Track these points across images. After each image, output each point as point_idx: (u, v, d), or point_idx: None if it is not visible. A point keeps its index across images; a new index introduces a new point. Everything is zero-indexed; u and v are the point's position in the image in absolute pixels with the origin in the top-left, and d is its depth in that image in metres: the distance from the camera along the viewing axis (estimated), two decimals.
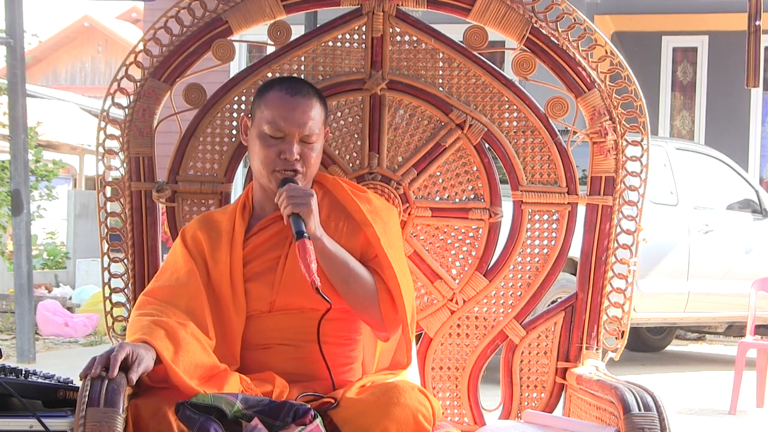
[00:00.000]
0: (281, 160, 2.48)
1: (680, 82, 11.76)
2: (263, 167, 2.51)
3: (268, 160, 2.49)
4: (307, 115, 2.50)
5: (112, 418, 2.14)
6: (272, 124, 2.49)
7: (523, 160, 2.75)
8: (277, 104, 2.50)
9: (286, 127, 2.48)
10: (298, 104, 2.50)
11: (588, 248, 2.71)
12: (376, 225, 2.50)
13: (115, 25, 29.00)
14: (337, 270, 2.45)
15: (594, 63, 2.71)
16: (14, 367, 2.36)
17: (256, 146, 2.52)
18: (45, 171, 12.25)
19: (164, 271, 2.51)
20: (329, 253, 2.44)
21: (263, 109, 2.52)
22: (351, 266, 2.46)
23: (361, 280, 2.47)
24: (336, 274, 2.45)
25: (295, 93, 2.51)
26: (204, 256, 2.49)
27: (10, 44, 7.61)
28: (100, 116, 2.73)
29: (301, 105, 2.50)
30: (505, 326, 2.75)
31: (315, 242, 2.41)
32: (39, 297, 9.83)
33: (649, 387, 2.30)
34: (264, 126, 2.50)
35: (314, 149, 2.52)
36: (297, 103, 2.50)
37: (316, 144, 2.53)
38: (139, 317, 2.37)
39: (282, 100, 2.50)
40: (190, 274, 2.45)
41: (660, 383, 7.27)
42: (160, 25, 2.67)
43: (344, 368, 2.52)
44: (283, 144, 2.49)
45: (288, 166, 2.49)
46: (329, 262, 2.44)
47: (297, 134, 2.49)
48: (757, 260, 8.38)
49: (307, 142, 2.50)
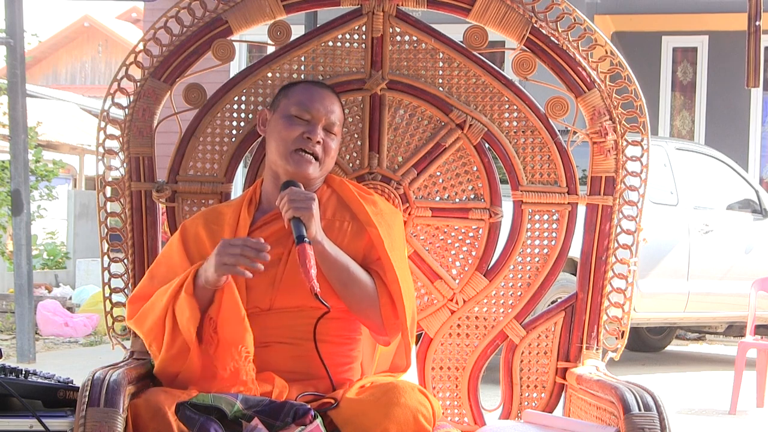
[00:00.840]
0: (304, 139, 2.52)
1: (680, 82, 11.76)
2: (284, 146, 2.53)
3: (290, 138, 2.53)
4: (334, 105, 2.59)
5: (112, 418, 2.14)
6: (300, 105, 2.55)
7: (523, 160, 2.75)
8: (306, 91, 2.59)
9: (313, 109, 2.55)
10: (326, 94, 2.60)
11: (588, 248, 2.71)
12: (380, 227, 2.50)
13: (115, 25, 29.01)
14: (337, 274, 2.45)
15: (594, 63, 2.71)
16: (14, 367, 2.36)
17: (279, 126, 2.55)
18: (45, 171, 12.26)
19: (158, 265, 2.52)
20: (329, 257, 2.44)
21: (290, 97, 2.58)
22: (351, 270, 2.46)
23: (362, 285, 2.47)
24: (336, 278, 2.45)
25: (323, 87, 2.63)
26: (205, 255, 2.47)
27: (10, 44, 7.61)
28: (100, 116, 2.73)
29: (329, 96, 2.60)
30: (505, 326, 2.75)
31: (315, 246, 2.41)
32: (39, 297, 9.83)
33: (649, 387, 2.30)
34: (291, 108, 2.56)
35: (334, 141, 2.58)
36: (325, 93, 2.60)
37: (336, 138, 2.58)
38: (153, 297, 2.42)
39: (310, 89, 2.60)
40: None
41: (660, 383, 7.27)
42: (160, 25, 2.67)
43: (343, 367, 2.52)
44: (308, 126, 2.54)
45: (310, 146, 2.52)
46: (329, 266, 2.44)
47: (323, 119, 2.55)
48: (757, 260, 8.38)
49: (330, 131, 2.57)
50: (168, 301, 2.37)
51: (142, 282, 2.52)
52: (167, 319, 2.37)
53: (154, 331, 2.40)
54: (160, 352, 2.40)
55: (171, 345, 2.37)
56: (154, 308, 2.40)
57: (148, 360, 2.56)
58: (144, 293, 2.47)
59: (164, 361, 2.39)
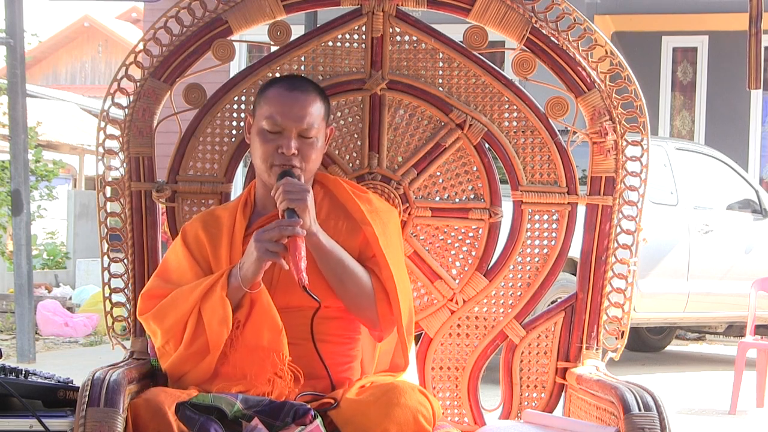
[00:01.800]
0: (279, 154, 2.49)
1: (680, 82, 11.76)
2: (262, 162, 2.52)
3: (266, 155, 2.50)
4: (305, 110, 2.51)
5: (112, 418, 2.14)
6: (270, 119, 2.50)
7: (523, 160, 2.75)
8: (276, 100, 2.51)
9: (283, 122, 2.49)
10: (296, 99, 2.51)
11: (588, 248, 2.71)
12: (375, 225, 2.50)
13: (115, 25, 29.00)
14: (332, 267, 2.45)
15: (594, 63, 2.71)
16: (14, 367, 2.36)
17: (256, 142, 2.53)
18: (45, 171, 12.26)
19: (168, 271, 2.51)
20: (325, 249, 2.44)
21: (262, 106, 2.53)
22: (347, 264, 2.46)
23: (357, 279, 2.46)
24: (331, 271, 2.45)
25: (294, 89, 2.53)
26: (207, 258, 2.49)
27: (10, 44, 7.61)
28: (100, 116, 2.73)
29: (300, 100, 2.51)
30: (505, 326, 2.75)
31: (310, 237, 2.41)
32: (39, 297, 9.83)
33: (649, 387, 2.30)
34: (262, 122, 2.51)
35: (313, 146, 2.51)
36: (295, 98, 2.51)
37: (316, 140, 2.52)
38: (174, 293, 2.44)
39: (280, 96, 2.52)
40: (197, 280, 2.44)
41: (660, 383, 7.27)
42: (160, 25, 2.67)
43: (343, 367, 2.51)
44: (281, 139, 2.49)
45: (285, 161, 2.49)
46: (324, 259, 2.44)
47: (294, 129, 2.49)
48: (757, 260, 8.38)
49: (306, 137, 2.50)
50: (195, 300, 2.38)
51: (153, 282, 2.51)
52: (191, 318, 2.38)
53: (174, 328, 2.40)
54: (176, 350, 2.40)
55: (190, 344, 2.38)
56: (177, 306, 2.40)
57: (148, 360, 2.57)
58: (158, 293, 2.47)
59: (179, 357, 2.40)
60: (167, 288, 2.46)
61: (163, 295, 2.45)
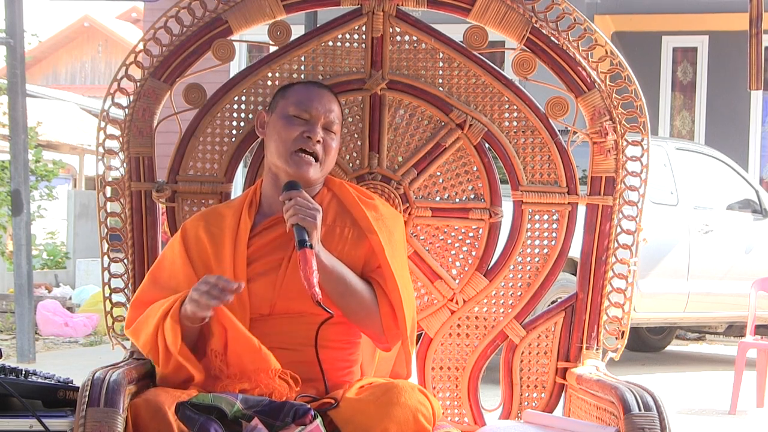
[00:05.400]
0: (304, 138, 2.51)
1: (680, 82, 11.76)
2: (284, 147, 2.51)
3: (290, 138, 2.51)
4: (332, 104, 2.58)
5: (112, 418, 2.14)
6: (299, 104, 2.54)
7: (523, 160, 2.75)
8: (303, 91, 2.58)
9: (312, 108, 2.54)
10: (323, 94, 2.59)
11: (588, 248, 2.71)
12: (381, 233, 2.49)
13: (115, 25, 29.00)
14: (333, 285, 2.43)
15: (594, 63, 2.71)
16: (14, 367, 2.36)
17: (278, 126, 2.54)
18: (45, 171, 12.26)
19: (161, 270, 2.50)
20: (326, 268, 2.42)
21: (288, 97, 2.57)
22: (348, 281, 2.45)
23: (359, 296, 2.46)
24: (333, 289, 2.43)
25: (320, 86, 2.62)
26: (206, 259, 2.48)
27: (10, 44, 7.61)
28: (100, 116, 2.73)
29: (327, 95, 2.59)
30: (505, 326, 2.75)
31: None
32: (39, 297, 9.83)
33: (649, 387, 2.30)
34: (290, 108, 2.55)
35: (334, 140, 2.56)
36: (323, 92, 2.59)
37: (336, 137, 2.57)
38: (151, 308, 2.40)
39: (308, 88, 2.59)
40: (189, 283, 2.40)
41: (660, 383, 7.27)
42: (160, 25, 2.67)
43: (343, 371, 2.51)
44: (307, 125, 2.53)
45: (310, 146, 2.51)
46: (326, 277, 2.42)
47: (322, 118, 2.54)
48: (757, 260, 8.38)
49: (330, 130, 2.55)
50: (158, 321, 2.36)
51: (144, 285, 2.50)
52: (159, 339, 2.36)
53: (148, 345, 2.39)
54: (157, 365, 2.40)
55: (166, 364, 2.37)
56: (148, 324, 2.39)
57: (149, 360, 2.56)
58: (145, 298, 2.46)
59: (161, 375, 2.40)
60: (155, 293, 2.44)
61: (150, 302, 2.43)
